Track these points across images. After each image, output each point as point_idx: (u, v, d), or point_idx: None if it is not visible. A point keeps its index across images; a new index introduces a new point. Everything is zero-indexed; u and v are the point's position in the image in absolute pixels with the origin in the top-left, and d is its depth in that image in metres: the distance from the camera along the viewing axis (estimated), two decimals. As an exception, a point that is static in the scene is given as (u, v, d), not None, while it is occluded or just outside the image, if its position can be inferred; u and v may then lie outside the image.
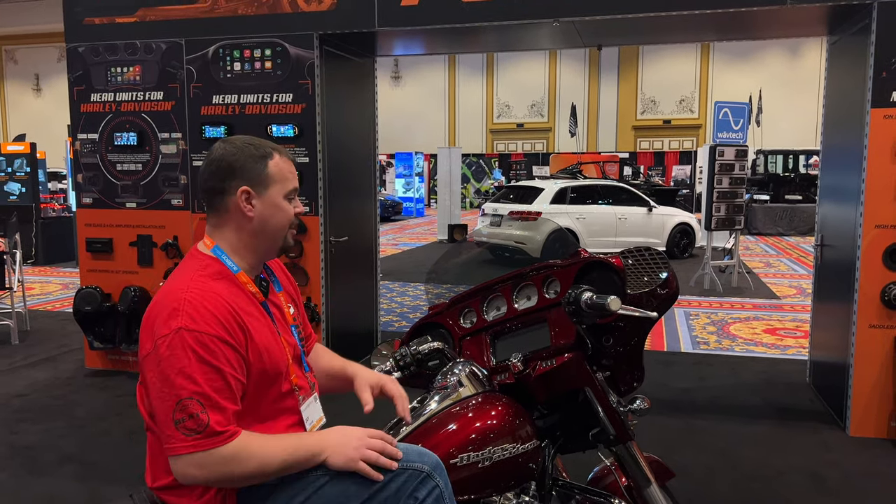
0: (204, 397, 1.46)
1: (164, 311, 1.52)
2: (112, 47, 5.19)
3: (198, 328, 1.49)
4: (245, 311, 1.60)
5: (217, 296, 1.56)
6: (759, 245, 14.60)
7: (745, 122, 9.75)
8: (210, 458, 1.46)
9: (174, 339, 1.48)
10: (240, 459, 1.48)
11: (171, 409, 1.45)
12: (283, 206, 1.68)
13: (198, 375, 1.46)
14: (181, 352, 1.47)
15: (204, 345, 1.48)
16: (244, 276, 1.66)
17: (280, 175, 1.68)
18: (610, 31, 5.00)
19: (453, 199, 15.63)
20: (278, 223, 1.68)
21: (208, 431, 1.45)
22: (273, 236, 1.69)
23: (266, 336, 1.63)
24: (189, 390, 1.46)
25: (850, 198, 4.18)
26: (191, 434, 1.45)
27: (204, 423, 1.45)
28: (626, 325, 1.86)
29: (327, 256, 5.00)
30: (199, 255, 1.66)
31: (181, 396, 1.45)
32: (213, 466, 1.47)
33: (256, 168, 1.65)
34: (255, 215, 1.66)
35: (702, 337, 6.67)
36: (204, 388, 1.46)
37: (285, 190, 1.69)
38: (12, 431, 4.27)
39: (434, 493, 1.55)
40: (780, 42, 24.02)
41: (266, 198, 1.66)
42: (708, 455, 3.88)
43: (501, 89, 28.02)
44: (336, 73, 5.11)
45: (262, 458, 1.50)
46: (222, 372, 1.49)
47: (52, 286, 9.77)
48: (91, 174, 5.35)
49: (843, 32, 4.55)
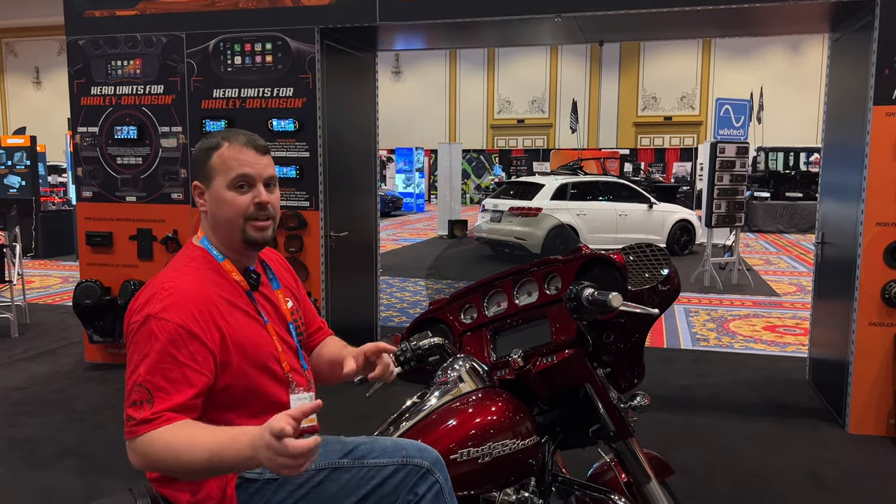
0: (152, 385, 1.45)
1: (142, 297, 1.54)
2: (112, 40, 5.18)
3: (169, 317, 1.49)
4: (228, 303, 1.60)
5: (197, 288, 1.56)
6: (760, 242, 14.59)
7: (746, 119, 9.73)
8: (139, 445, 1.43)
9: (144, 325, 1.49)
10: (169, 450, 1.41)
11: (129, 393, 1.47)
12: (226, 197, 1.63)
13: (154, 363, 1.46)
14: (148, 337, 1.48)
15: (170, 336, 1.48)
16: (229, 264, 1.66)
17: (222, 165, 1.63)
18: (612, 26, 4.98)
19: (453, 194, 15.62)
20: (225, 216, 1.64)
21: (142, 419, 1.44)
22: (226, 228, 1.65)
23: (248, 329, 1.62)
24: (142, 377, 1.46)
25: (851, 195, 4.17)
26: (129, 421, 1.45)
27: (144, 410, 1.44)
28: (628, 322, 1.85)
29: (327, 251, 4.99)
30: (190, 246, 1.69)
31: (136, 381, 1.46)
32: (143, 455, 1.44)
33: (202, 161, 1.66)
34: (208, 209, 1.67)
35: (701, 334, 6.67)
36: (154, 378, 1.46)
37: (227, 180, 1.62)
38: (11, 424, 4.27)
39: (434, 488, 1.55)
40: (781, 39, 23.95)
41: (211, 191, 1.65)
42: (707, 452, 3.88)
43: (502, 85, 27.97)
44: (337, 67, 5.10)
45: (188, 451, 1.40)
46: (181, 364, 1.48)
47: (52, 279, 9.77)
48: (91, 168, 5.34)
49: (845, 29, 4.54)
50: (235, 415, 1.57)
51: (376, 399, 1.95)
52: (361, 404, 2.09)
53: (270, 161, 1.69)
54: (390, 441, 1.63)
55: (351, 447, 1.59)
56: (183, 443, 1.41)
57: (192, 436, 1.42)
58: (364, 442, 1.62)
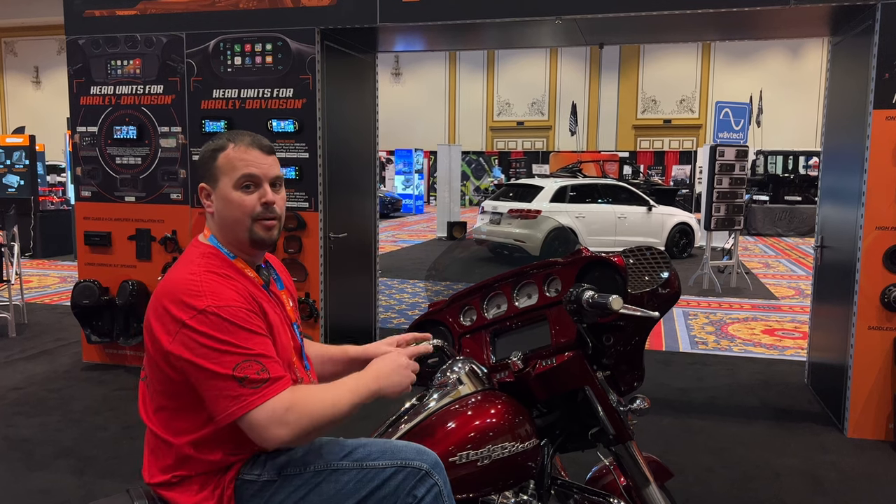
0: (258, 356, 1.47)
1: (184, 294, 1.50)
2: (112, 40, 5.17)
3: (226, 303, 1.49)
4: (253, 294, 1.60)
5: (229, 278, 1.57)
6: (758, 246, 14.60)
7: (745, 123, 9.74)
8: (287, 405, 1.44)
9: (208, 316, 1.47)
10: (315, 401, 1.48)
11: (231, 374, 1.44)
12: (232, 197, 1.62)
13: (244, 342, 1.47)
14: (221, 325, 1.47)
15: (238, 316, 1.49)
16: (241, 262, 1.66)
17: (228, 165, 1.63)
18: (612, 29, 4.98)
19: (453, 196, 15.62)
20: (232, 216, 1.63)
21: (273, 378, 1.46)
22: (233, 229, 1.64)
23: (277, 321, 1.64)
24: (242, 354, 1.46)
25: (850, 199, 4.17)
26: (259, 385, 1.44)
27: (267, 374, 1.46)
28: (627, 325, 1.85)
29: (326, 252, 4.99)
30: (200, 245, 1.67)
31: (237, 361, 1.45)
32: (293, 418, 1.45)
33: (209, 163, 1.65)
34: (215, 211, 1.66)
35: (700, 337, 6.67)
36: (255, 349, 1.47)
37: (233, 180, 1.62)
38: (8, 424, 4.26)
39: (433, 491, 1.54)
40: (781, 42, 24.01)
41: (218, 192, 1.64)
42: (705, 455, 3.87)
43: (502, 87, 28.00)
44: (337, 68, 5.09)
45: (334, 400, 1.51)
46: (262, 335, 1.51)
47: (50, 279, 9.75)
48: (90, 167, 5.33)
49: (845, 33, 4.54)
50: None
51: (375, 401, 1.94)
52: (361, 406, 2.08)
53: (276, 161, 1.70)
54: (389, 443, 1.63)
55: (350, 449, 1.59)
56: (330, 394, 1.52)
57: (330, 389, 1.54)
58: (363, 444, 1.61)
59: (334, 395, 1.53)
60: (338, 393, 1.53)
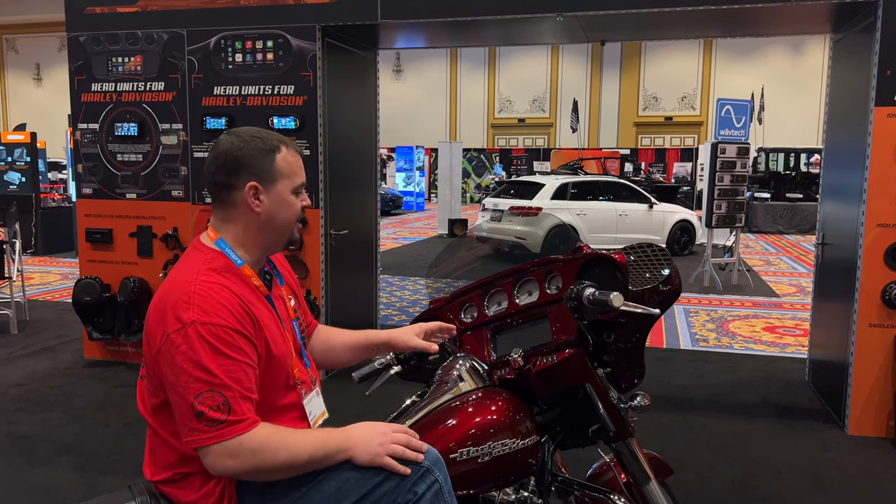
0: (224, 388, 1.45)
1: (174, 305, 1.49)
2: (113, 37, 5.17)
3: (211, 320, 1.47)
4: (252, 304, 1.59)
5: (225, 288, 1.54)
6: (760, 243, 14.59)
7: (747, 120, 9.72)
8: (239, 446, 1.45)
9: (188, 331, 1.46)
10: (270, 449, 1.47)
11: (191, 403, 1.44)
12: (290, 201, 1.66)
13: (215, 368, 1.45)
14: (197, 344, 1.45)
15: (219, 337, 1.47)
16: (248, 269, 1.64)
17: (288, 169, 1.66)
18: (614, 26, 4.97)
19: (454, 193, 15.61)
20: (285, 218, 1.66)
21: (231, 420, 1.44)
22: (279, 231, 1.68)
23: (272, 329, 1.62)
24: (208, 383, 1.44)
25: (852, 196, 4.17)
26: (214, 425, 1.44)
27: (226, 413, 1.44)
28: (628, 322, 1.85)
29: (327, 249, 4.99)
30: (203, 248, 1.64)
31: (200, 390, 1.44)
32: (244, 456, 1.45)
33: (264, 162, 1.63)
34: (263, 210, 1.64)
35: (701, 334, 6.67)
36: (223, 380, 1.45)
37: (293, 185, 1.67)
38: (10, 421, 4.27)
39: (433, 487, 1.54)
40: (782, 39, 23.94)
41: (274, 193, 1.64)
42: (706, 452, 3.88)
43: (503, 84, 27.96)
44: (338, 65, 5.09)
45: (292, 449, 1.49)
46: (239, 362, 1.49)
47: (52, 276, 9.76)
48: (91, 164, 5.34)
49: (847, 30, 4.53)
50: None
51: (376, 398, 1.95)
52: (361, 402, 2.08)
53: None
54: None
55: (351, 445, 1.59)
56: (285, 438, 1.49)
57: (294, 436, 1.52)
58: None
59: (295, 445, 1.50)
60: (300, 445, 1.51)
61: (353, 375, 2.01)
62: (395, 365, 1.94)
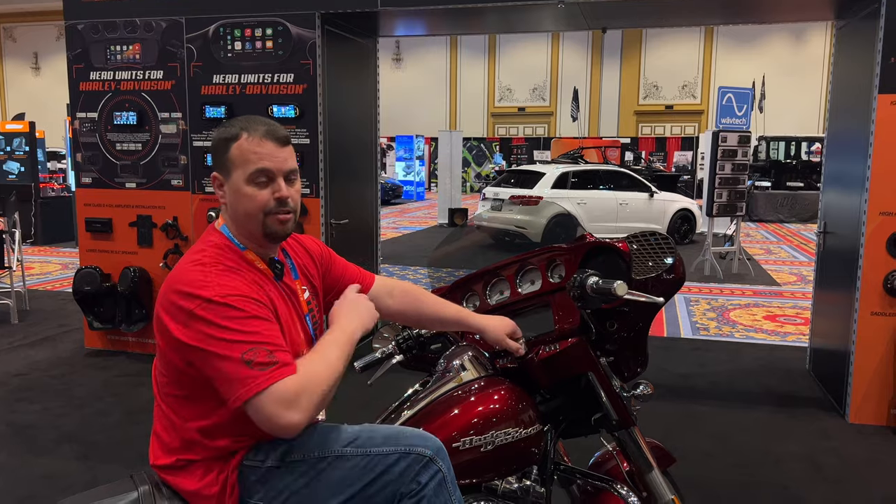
0: (265, 344, 1.44)
1: (191, 284, 1.48)
2: (111, 25, 5.13)
3: (233, 292, 1.47)
4: (263, 284, 1.59)
5: (237, 271, 1.55)
6: (760, 232, 14.58)
7: (748, 108, 9.68)
8: (297, 390, 1.42)
9: (213, 305, 1.45)
10: (317, 378, 1.45)
11: (239, 358, 1.42)
12: (245, 192, 1.57)
13: (251, 329, 1.45)
14: (226, 313, 1.44)
15: (244, 305, 1.47)
16: (251, 254, 1.63)
17: (241, 158, 1.57)
18: (615, 12, 4.94)
19: (454, 182, 15.58)
20: (244, 210, 1.59)
21: (282, 363, 1.44)
22: (246, 222, 1.61)
23: (284, 315, 1.62)
24: (249, 342, 1.43)
25: (854, 185, 4.15)
26: (268, 367, 1.42)
27: (276, 358, 1.43)
28: (631, 311, 1.84)
29: (328, 239, 4.98)
30: (213, 232, 1.65)
31: (244, 349, 1.42)
32: (304, 402, 1.42)
33: (221, 152, 1.60)
34: (227, 202, 1.62)
35: (702, 323, 6.67)
36: (262, 336, 1.45)
37: (246, 174, 1.57)
38: (11, 410, 4.27)
39: (436, 477, 1.54)
40: (783, 27, 23.84)
41: (230, 184, 1.60)
42: (707, 441, 3.88)
43: (503, 73, 27.86)
44: (338, 53, 5.06)
45: (329, 366, 1.49)
46: (268, 321, 1.49)
47: (52, 266, 9.75)
48: (90, 153, 5.31)
49: (851, 17, 4.50)
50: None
51: (378, 387, 1.94)
52: (363, 392, 2.08)
53: (292, 152, 1.63)
54: (393, 429, 1.62)
55: (354, 436, 1.58)
56: (318, 362, 1.49)
57: (319, 356, 1.51)
58: (366, 430, 1.60)
59: (326, 359, 1.50)
60: (328, 356, 1.51)
61: (355, 364, 2.00)
62: (398, 354, 1.93)
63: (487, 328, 1.86)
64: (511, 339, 1.86)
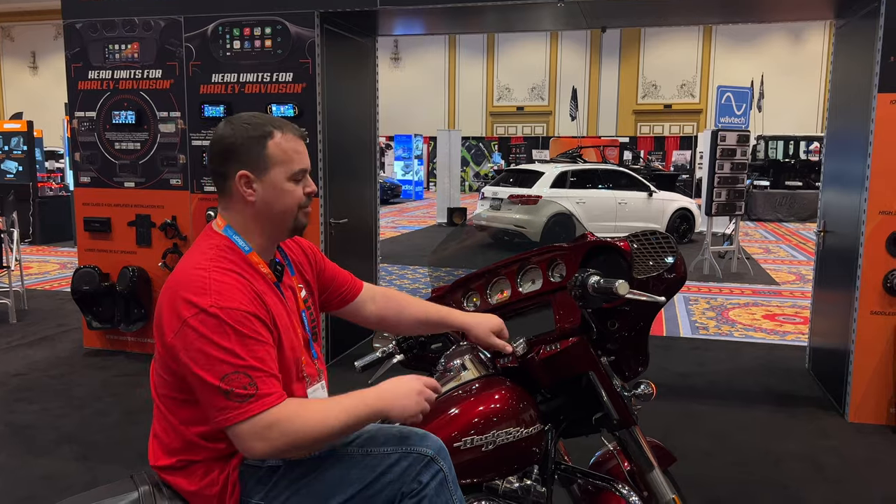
0: (249, 368, 1.43)
1: (189, 289, 1.47)
2: (110, 24, 5.12)
3: (228, 304, 1.46)
4: (262, 292, 1.57)
5: (237, 274, 1.53)
6: (759, 231, 14.59)
7: (747, 107, 9.69)
8: (269, 423, 1.41)
9: (207, 316, 1.44)
10: (301, 420, 1.43)
11: (217, 385, 1.41)
12: (287, 188, 1.60)
13: (238, 349, 1.43)
14: (218, 328, 1.43)
15: (238, 320, 1.45)
16: (256, 256, 1.62)
17: (283, 156, 1.59)
18: (614, 11, 4.94)
19: (453, 182, 15.58)
20: (283, 206, 1.61)
21: (260, 394, 1.42)
22: (279, 219, 1.62)
23: (283, 318, 1.61)
24: (233, 364, 1.42)
25: (854, 184, 4.15)
26: (244, 400, 1.41)
27: (254, 389, 1.42)
28: (632, 310, 1.84)
29: (327, 238, 4.97)
30: (213, 235, 1.62)
31: (226, 371, 1.42)
32: (274, 434, 1.42)
33: (254, 150, 1.58)
34: (257, 199, 1.59)
35: (701, 322, 6.67)
36: (248, 360, 1.43)
37: (289, 172, 1.60)
38: (10, 411, 4.26)
39: (438, 476, 1.53)
40: (782, 27, 23.85)
41: (267, 181, 1.59)
42: (706, 440, 3.88)
43: (502, 72, 27.85)
44: (337, 52, 5.05)
45: (323, 419, 1.45)
46: (261, 342, 1.47)
47: (50, 265, 9.74)
48: (89, 153, 5.30)
49: (850, 16, 4.50)
50: None
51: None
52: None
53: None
54: (394, 429, 1.62)
55: (355, 435, 1.58)
56: (314, 409, 1.47)
57: (323, 406, 1.49)
58: (368, 430, 1.60)
59: (326, 414, 1.47)
60: (331, 412, 1.47)
61: (355, 364, 2.00)
62: (398, 354, 1.93)
63: (472, 326, 1.85)
64: (498, 337, 1.85)
